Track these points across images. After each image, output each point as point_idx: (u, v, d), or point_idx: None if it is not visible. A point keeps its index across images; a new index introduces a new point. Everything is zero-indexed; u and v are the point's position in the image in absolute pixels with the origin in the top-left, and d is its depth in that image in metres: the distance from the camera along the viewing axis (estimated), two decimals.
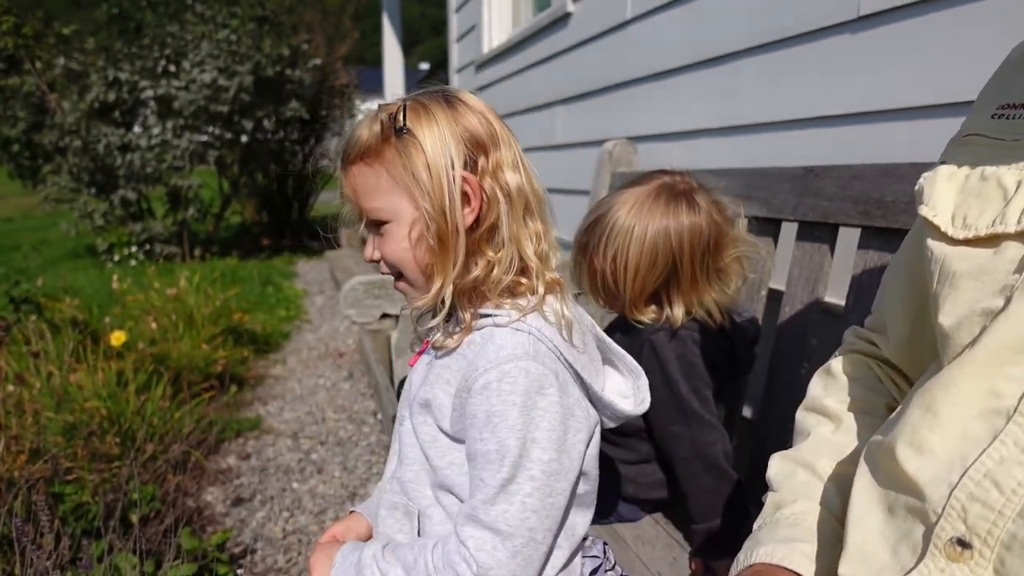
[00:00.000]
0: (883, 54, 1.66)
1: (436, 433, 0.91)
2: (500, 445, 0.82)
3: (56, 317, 3.27)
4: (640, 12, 2.77)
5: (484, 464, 0.83)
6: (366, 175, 0.88)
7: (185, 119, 7.18)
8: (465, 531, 0.83)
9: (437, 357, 0.92)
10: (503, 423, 0.82)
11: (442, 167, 0.84)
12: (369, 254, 0.93)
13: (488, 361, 0.84)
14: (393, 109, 0.87)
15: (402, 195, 0.87)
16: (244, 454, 2.95)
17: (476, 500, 0.84)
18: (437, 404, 0.89)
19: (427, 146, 0.84)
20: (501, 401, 0.82)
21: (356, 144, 0.88)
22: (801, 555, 0.70)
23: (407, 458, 0.96)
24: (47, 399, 2.40)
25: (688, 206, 1.33)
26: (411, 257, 0.89)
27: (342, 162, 0.91)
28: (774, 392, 1.49)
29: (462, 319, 0.89)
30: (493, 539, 0.82)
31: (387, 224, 0.89)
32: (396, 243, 0.89)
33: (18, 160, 8.01)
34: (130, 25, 7.71)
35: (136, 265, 7.22)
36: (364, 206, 0.90)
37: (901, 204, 1.22)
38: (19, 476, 1.86)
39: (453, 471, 0.90)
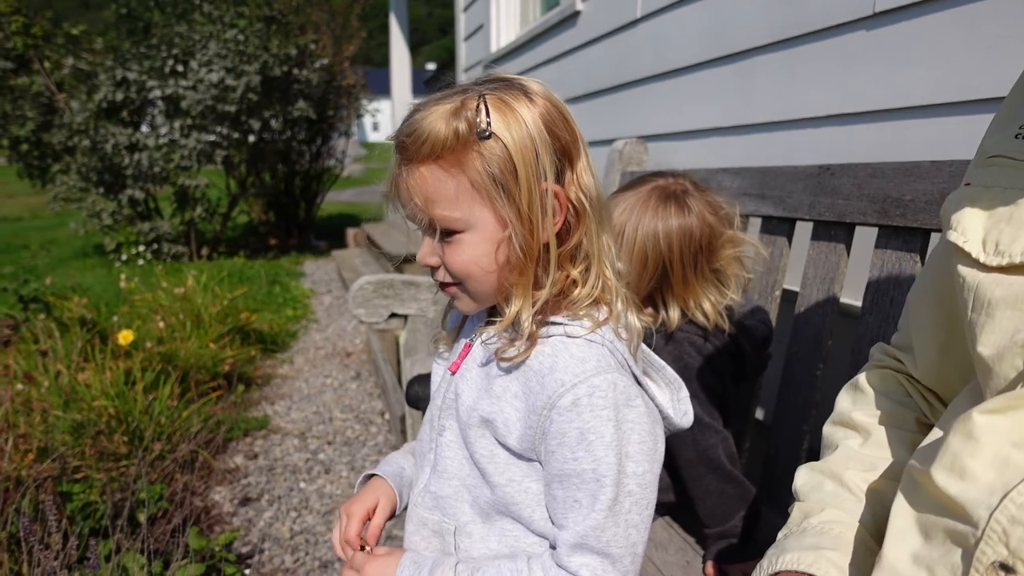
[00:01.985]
0: (899, 51, 1.64)
1: (495, 448, 0.85)
2: (597, 464, 0.78)
3: (64, 316, 3.27)
4: (651, 10, 2.75)
5: (579, 484, 0.79)
6: (442, 180, 0.78)
7: (193, 119, 7.19)
8: (576, 560, 0.80)
9: (499, 368, 0.85)
10: (599, 440, 0.78)
11: (532, 178, 0.77)
12: (426, 258, 0.84)
13: (573, 375, 0.78)
14: (473, 105, 0.77)
15: (484, 205, 0.79)
16: (251, 453, 2.94)
17: (584, 525, 0.79)
18: (503, 420, 0.83)
19: (515, 154, 0.77)
20: (594, 417, 0.78)
21: (429, 142, 0.77)
22: (828, 562, 0.69)
23: (446, 472, 0.91)
24: (55, 398, 2.40)
25: (678, 207, 1.31)
26: (486, 271, 0.82)
27: (404, 158, 0.80)
28: (787, 394, 1.47)
29: (524, 327, 0.82)
30: (604, 564, 0.79)
31: (460, 234, 0.80)
32: (470, 255, 0.81)
33: (27, 159, 8.03)
34: (138, 25, 7.74)
35: (144, 264, 7.24)
36: (435, 213, 0.79)
37: (920, 203, 1.20)
38: (27, 475, 1.85)
39: (512, 488, 0.85)
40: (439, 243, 0.83)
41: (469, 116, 0.77)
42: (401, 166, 0.81)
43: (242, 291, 4.67)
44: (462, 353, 0.93)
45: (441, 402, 0.93)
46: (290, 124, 7.97)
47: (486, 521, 0.89)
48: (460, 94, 0.79)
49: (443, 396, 0.93)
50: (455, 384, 0.91)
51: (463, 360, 0.92)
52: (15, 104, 7.68)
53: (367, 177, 20.44)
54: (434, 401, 0.95)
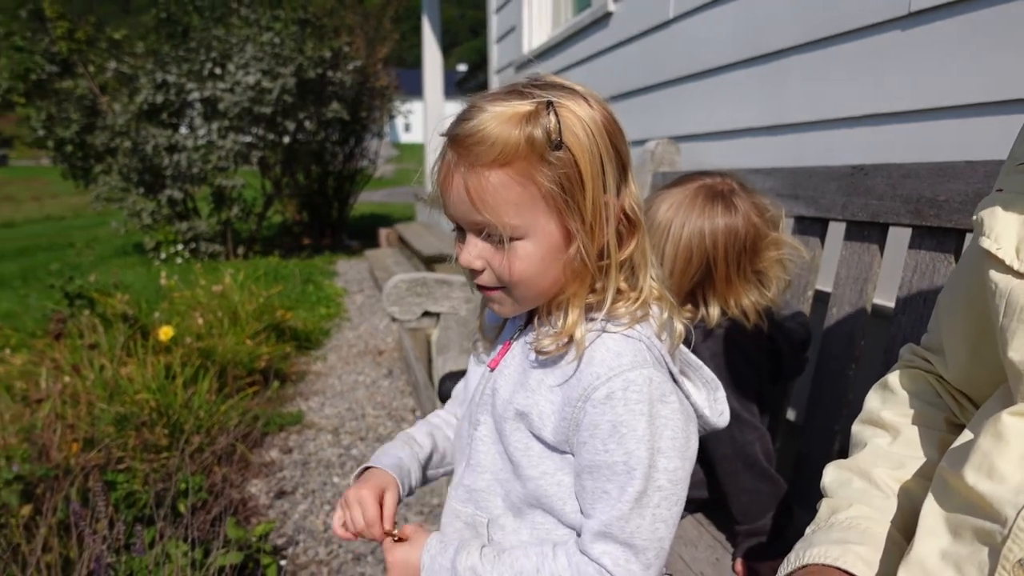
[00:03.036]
0: (935, 51, 1.63)
1: (530, 441, 0.86)
2: (628, 456, 0.78)
3: (108, 312, 3.37)
4: (683, 11, 2.75)
5: (609, 476, 0.80)
6: (507, 187, 0.76)
7: (230, 120, 7.34)
8: (598, 547, 0.80)
9: (535, 362, 0.86)
10: (631, 434, 0.78)
11: (598, 189, 0.78)
12: (472, 262, 0.82)
13: (609, 369, 0.79)
14: (544, 112, 0.76)
15: (548, 213, 0.78)
16: (287, 448, 3.01)
17: (609, 515, 0.80)
18: (538, 412, 0.84)
19: (584, 165, 0.76)
20: (628, 411, 0.78)
21: (499, 147, 0.75)
22: (855, 556, 0.70)
23: (479, 466, 0.92)
24: (100, 390, 2.49)
25: (725, 207, 1.32)
26: (540, 278, 0.82)
27: (466, 160, 0.77)
28: (819, 395, 1.47)
29: (578, 337, 0.82)
30: (626, 554, 0.80)
31: (518, 240, 0.79)
32: (528, 262, 0.80)
33: (71, 160, 8.28)
34: (177, 29, 7.93)
35: (182, 263, 7.42)
36: (495, 219, 0.77)
37: (955, 203, 1.19)
38: (75, 464, 1.92)
39: (545, 480, 0.86)
40: (491, 247, 0.81)
41: (543, 124, 0.75)
42: (459, 166, 0.78)
43: (277, 289, 4.76)
44: (501, 351, 0.94)
45: (478, 398, 0.94)
46: (324, 125, 8.10)
47: (517, 515, 0.90)
48: (522, 97, 0.77)
49: (480, 392, 0.94)
50: (493, 380, 0.92)
51: (502, 357, 0.93)
52: (60, 107, 7.93)
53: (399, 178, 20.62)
54: (472, 398, 0.97)
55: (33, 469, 1.78)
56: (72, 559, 1.54)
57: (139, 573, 1.57)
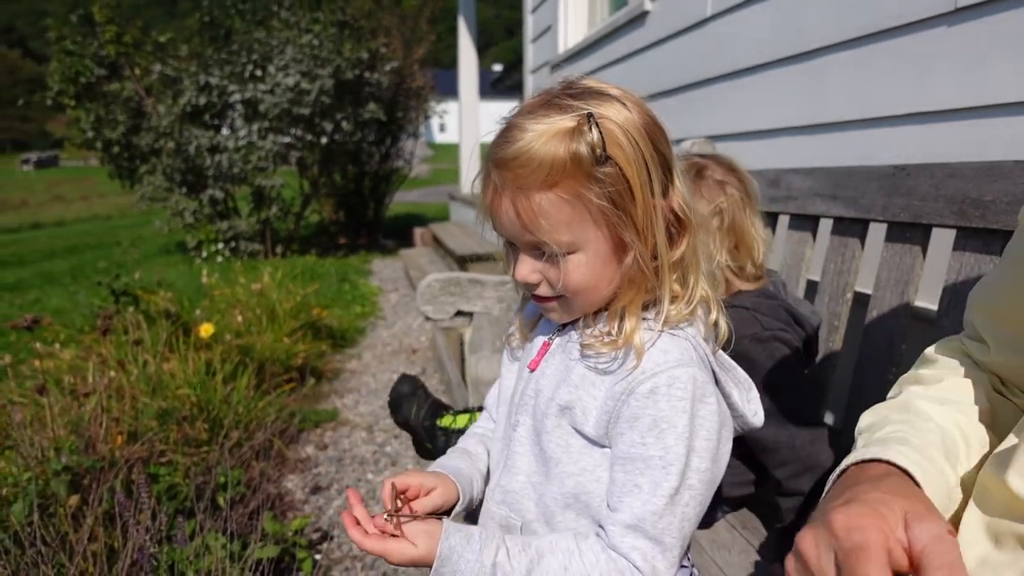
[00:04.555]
0: (982, 47, 1.58)
1: (571, 437, 0.86)
2: (665, 452, 0.79)
3: (152, 309, 3.46)
4: (721, 9, 2.72)
5: (643, 470, 0.80)
6: (557, 207, 0.77)
7: (270, 121, 7.48)
8: (628, 541, 0.80)
9: (580, 359, 0.86)
10: (671, 429, 0.78)
11: (647, 195, 0.78)
12: (528, 277, 0.83)
13: (655, 364, 0.80)
14: (585, 128, 0.75)
15: (599, 226, 0.79)
16: (322, 444, 3.05)
17: (643, 509, 0.79)
18: (581, 407, 0.84)
19: (631, 175, 0.77)
20: (671, 407, 0.79)
21: (544, 169, 0.75)
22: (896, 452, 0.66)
23: (514, 467, 0.92)
24: (144, 385, 2.55)
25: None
26: (597, 288, 0.83)
27: (512, 183, 0.77)
28: (859, 399, 1.44)
29: (626, 332, 0.82)
30: (655, 550, 0.80)
31: (573, 254, 0.80)
32: (585, 274, 0.81)
33: (118, 161, 8.51)
34: (220, 32, 8.10)
35: (222, 261, 7.57)
36: (547, 238, 0.78)
37: (1002, 204, 1.16)
38: (120, 456, 1.98)
39: (586, 477, 0.86)
40: (545, 262, 0.82)
41: (586, 140, 0.75)
42: (505, 189, 0.78)
43: (314, 288, 4.83)
44: (540, 351, 0.94)
45: (518, 399, 0.94)
46: (361, 126, 8.19)
47: (549, 520, 0.89)
48: (561, 111, 0.77)
49: (520, 393, 0.94)
50: (534, 381, 0.92)
51: (542, 358, 0.93)
52: (108, 109, 8.16)
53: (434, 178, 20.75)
54: (510, 399, 0.97)
55: (80, 461, 1.83)
56: (116, 549, 1.58)
57: (180, 564, 1.61)
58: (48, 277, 7.70)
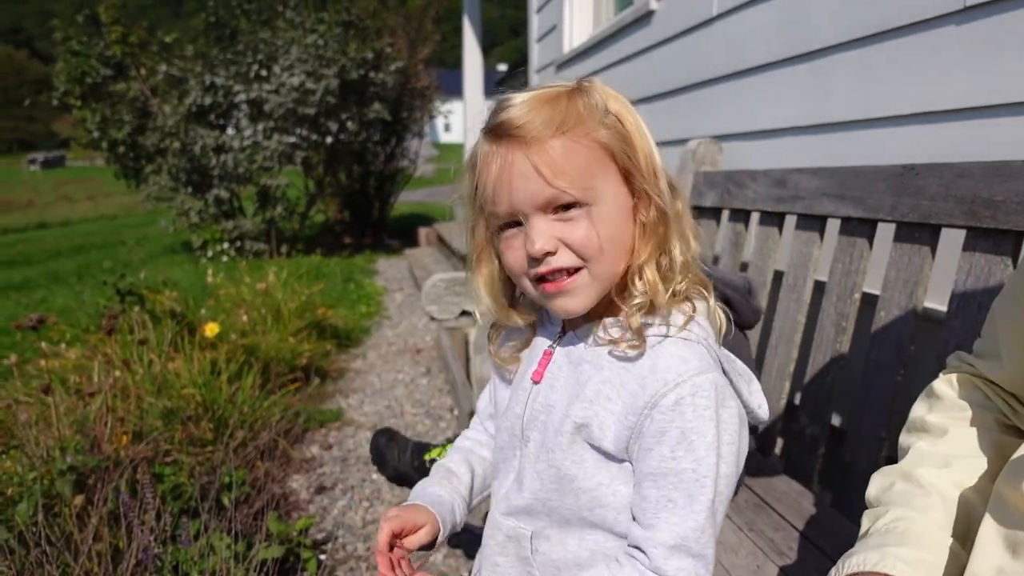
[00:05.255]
0: (992, 46, 1.57)
1: (585, 453, 0.84)
2: (698, 464, 0.77)
3: (157, 308, 3.46)
4: (727, 8, 2.71)
5: (676, 484, 0.78)
6: (575, 151, 0.78)
7: (275, 121, 7.49)
8: (673, 563, 0.78)
9: (591, 371, 0.84)
10: (701, 441, 0.77)
11: (648, 150, 0.81)
12: (547, 244, 0.79)
13: (677, 375, 0.78)
14: (581, 87, 0.81)
15: (613, 174, 0.80)
16: (327, 444, 3.05)
17: (684, 527, 0.78)
18: (598, 423, 0.82)
19: (632, 129, 0.81)
20: (697, 417, 0.77)
21: (556, 118, 0.78)
22: (894, 558, 0.68)
23: (525, 483, 0.90)
24: (149, 385, 2.55)
25: None
26: (621, 243, 0.81)
27: (521, 139, 0.78)
28: (866, 401, 1.43)
29: (625, 326, 0.81)
30: (698, 567, 0.78)
31: (591, 207, 0.79)
32: (607, 225, 0.80)
33: (123, 161, 8.53)
34: (226, 32, 8.12)
35: (228, 261, 7.58)
36: (571, 186, 0.77)
37: (1012, 204, 1.15)
38: (124, 456, 1.98)
39: (601, 491, 0.84)
40: (562, 223, 0.80)
41: (587, 92, 0.80)
42: (516, 148, 0.78)
43: (319, 288, 4.83)
44: (543, 361, 0.91)
45: (527, 414, 0.91)
46: (366, 126, 8.20)
47: (563, 527, 0.88)
48: (552, 87, 0.82)
49: (527, 407, 0.91)
50: (541, 394, 0.90)
51: (545, 368, 0.91)
52: (114, 109, 8.18)
53: (439, 177, 20.76)
54: (513, 411, 0.94)
55: (85, 460, 1.83)
56: (121, 548, 1.58)
57: (184, 564, 1.61)
58: (54, 277, 7.72)
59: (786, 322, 1.75)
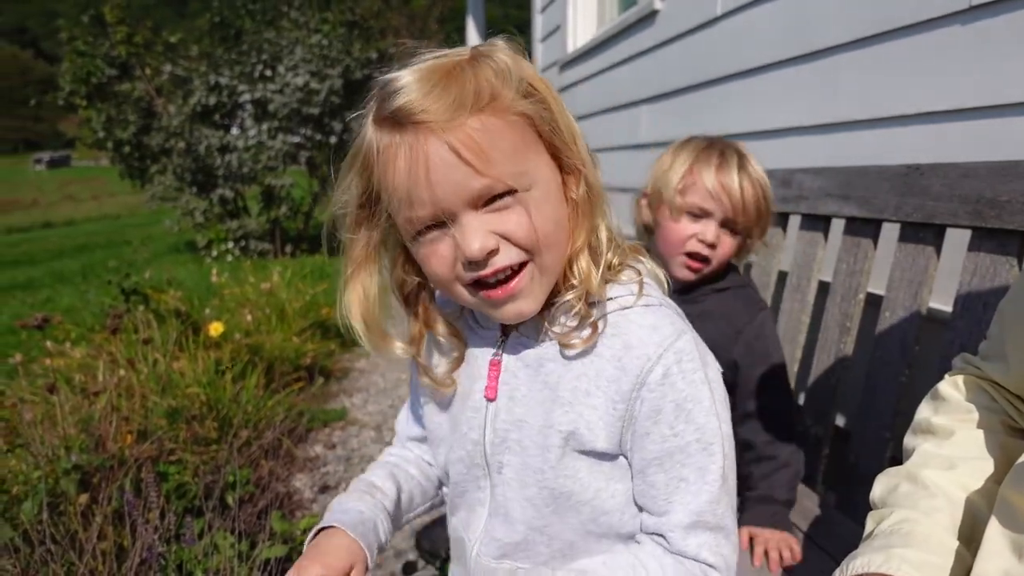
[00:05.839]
0: (997, 46, 1.56)
1: (577, 463, 0.77)
2: (701, 433, 0.72)
3: (162, 308, 3.47)
4: (731, 7, 2.71)
5: (684, 460, 0.73)
6: (498, 131, 0.66)
7: (279, 121, 7.51)
8: (692, 540, 0.74)
9: (558, 372, 0.76)
10: (698, 407, 0.72)
11: (568, 115, 0.72)
12: (487, 243, 0.68)
13: (656, 345, 0.71)
14: (478, 54, 0.69)
15: (540, 152, 0.71)
16: (330, 444, 3.06)
17: (698, 502, 0.73)
18: (585, 424, 0.74)
19: (546, 92, 0.70)
20: (689, 384, 0.71)
21: (468, 92, 0.65)
22: (899, 559, 0.68)
23: (510, 516, 0.80)
24: (153, 384, 2.56)
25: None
26: (559, 228, 0.72)
27: (435, 123, 0.65)
28: (871, 401, 1.43)
29: (577, 313, 0.74)
30: (718, 539, 0.74)
31: (526, 193, 0.69)
32: (546, 211, 0.70)
33: (128, 161, 8.57)
34: (230, 32, 8.14)
35: (232, 260, 7.59)
36: (501, 173, 0.66)
37: (1017, 204, 1.14)
38: (129, 455, 1.98)
39: (600, 498, 0.77)
40: (496, 216, 0.69)
41: (489, 59, 0.68)
42: (429, 134, 0.65)
43: (323, 287, 4.83)
44: (491, 374, 0.81)
45: (490, 437, 0.80)
46: None
47: (568, 553, 0.82)
48: (445, 57, 0.70)
49: (488, 430, 0.80)
50: (503, 411, 0.80)
51: (498, 381, 0.80)
52: (119, 109, 8.21)
53: None
54: (467, 437, 0.82)
55: (90, 459, 1.84)
56: (126, 547, 1.59)
57: (188, 563, 1.61)
58: (59, 276, 7.75)
59: (790, 323, 1.74)
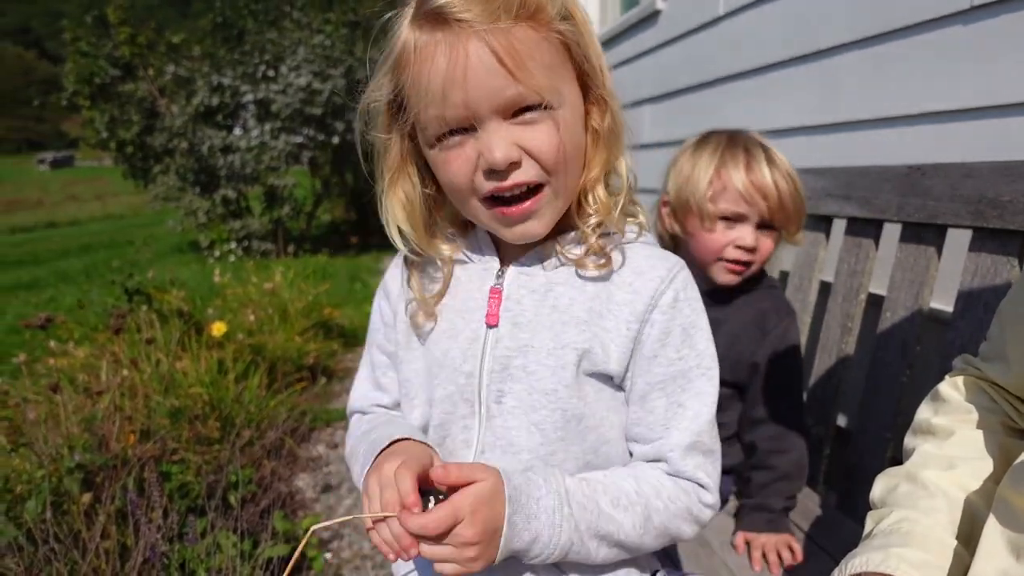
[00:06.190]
0: (998, 46, 1.56)
1: (587, 386, 0.77)
2: (700, 358, 0.77)
3: (164, 308, 3.48)
4: (733, 8, 2.71)
5: (685, 385, 0.76)
6: (538, 45, 0.67)
7: (282, 121, 7.52)
8: (690, 462, 0.77)
9: (570, 296, 0.77)
10: (699, 332, 0.77)
11: (599, 47, 0.74)
12: (509, 152, 0.67)
13: (666, 270, 0.76)
14: None
15: (572, 75, 0.72)
16: (332, 443, 3.06)
17: (698, 424, 0.76)
18: (600, 343, 0.76)
19: (583, 20, 0.72)
20: (693, 310, 0.76)
21: (522, 1, 0.65)
22: (897, 558, 0.68)
23: (513, 446, 0.78)
24: (156, 384, 2.56)
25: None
26: (580, 152, 0.74)
27: (483, 18, 0.64)
28: (872, 401, 1.43)
29: (589, 242, 0.76)
30: (708, 461, 0.78)
31: (554, 111, 0.69)
32: (571, 133, 0.71)
33: (132, 161, 8.58)
34: (233, 32, 8.16)
35: (235, 260, 7.61)
36: (537, 86, 0.66)
37: (1019, 204, 1.14)
38: (132, 454, 1.99)
39: (604, 426, 0.79)
40: (522, 129, 0.69)
41: None
42: (471, 32, 0.64)
43: (325, 287, 4.84)
44: (492, 303, 0.80)
45: (490, 365, 0.78)
46: None
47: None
48: None
49: (487, 358, 0.79)
50: (505, 337, 0.78)
51: (499, 309, 0.79)
52: (122, 109, 8.22)
53: None
54: (459, 370, 0.80)
55: (93, 458, 1.85)
56: (129, 546, 1.59)
57: (191, 562, 1.61)
58: (63, 276, 7.77)
59: None
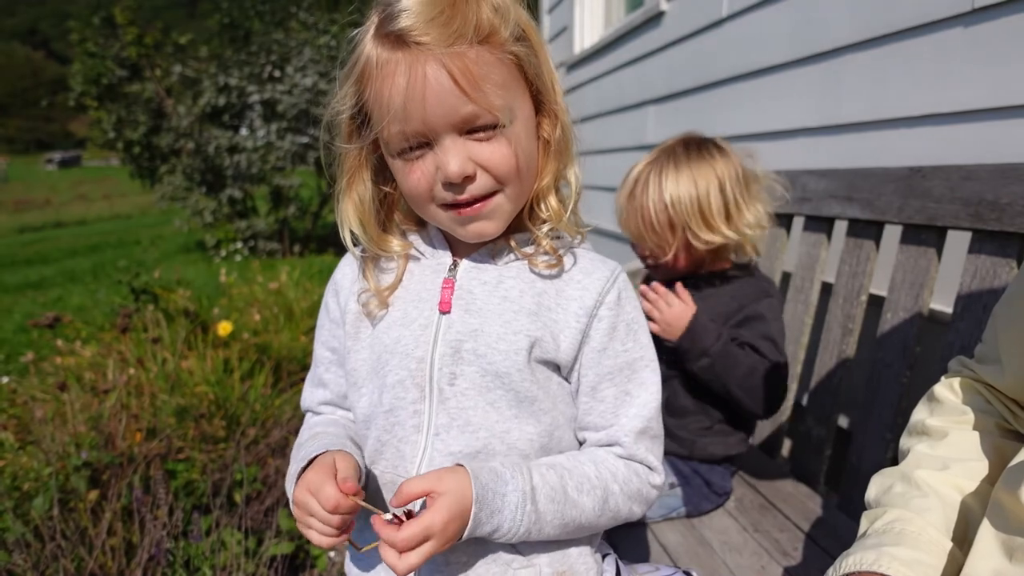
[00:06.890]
0: (999, 48, 1.57)
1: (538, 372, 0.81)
2: (644, 350, 0.84)
3: (171, 307, 3.50)
4: (737, 9, 2.71)
5: (630, 375, 0.83)
6: (492, 65, 0.70)
7: (288, 122, 7.54)
8: (642, 445, 0.84)
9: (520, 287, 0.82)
10: (640, 328, 0.84)
11: (551, 61, 0.78)
12: (465, 167, 0.72)
13: (609, 271, 0.84)
14: None
15: (525, 91, 0.76)
16: None
17: (648, 409, 0.84)
18: (550, 334, 0.81)
19: (536, 39, 0.76)
20: (633, 307, 0.84)
21: (470, 20, 0.68)
22: (890, 558, 0.69)
23: (470, 424, 0.80)
24: (162, 382, 2.58)
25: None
26: (532, 163, 0.79)
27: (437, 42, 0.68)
28: (873, 402, 1.44)
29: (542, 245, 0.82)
30: (656, 444, 0.85)
31: (506, 127, 0.73)
32: (522, 146, 0.75)
33: (138, 161, 8.63)
34: (239, 33, 8.19)
35: (241, 260, 7.64)
36: (489, 105, 0.70)
37: (1018, 206, 1.15)
38: (138, 453, 2.01)
39: (556, 411, 0.84)
40: (477, 145, 0.73)
41: (488, 3, 0.72)
42: (428, 53, 0.68)
43: None
44: (445, 293, 0.83)
45: (442, 349, 0.81)
46: None
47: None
48: None
49: (439, 342, 0.81)
50: (457, 323, 0.82)
51: (451, 299, 0.83)
52: (129, 110, 8.27)
53: None
54: (410, 355, 0.82)
55: (100, 456, 1.86)
56: (134, 543, 1.61)
57: (196, 559, 1.63)
58: (70, 275, 7.81)
59: (793, 323, 1.75)
